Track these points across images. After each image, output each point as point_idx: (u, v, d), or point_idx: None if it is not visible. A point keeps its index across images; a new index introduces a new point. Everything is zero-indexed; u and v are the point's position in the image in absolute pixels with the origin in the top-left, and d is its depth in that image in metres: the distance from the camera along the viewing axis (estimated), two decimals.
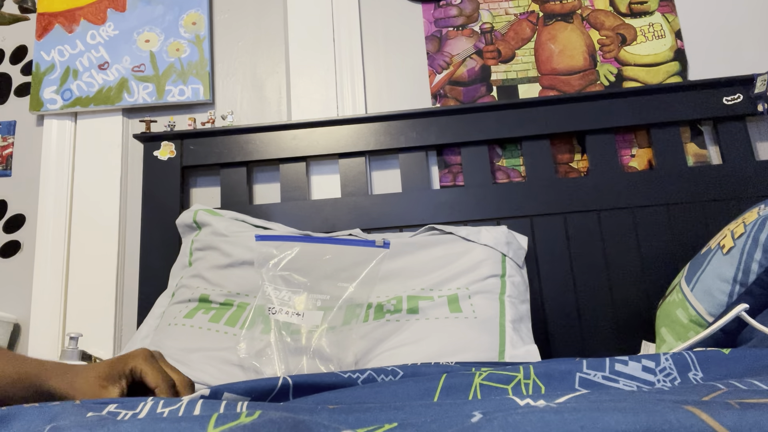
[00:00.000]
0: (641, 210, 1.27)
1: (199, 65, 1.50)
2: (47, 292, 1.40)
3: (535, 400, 0.37)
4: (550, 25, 1.46)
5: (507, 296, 1.04)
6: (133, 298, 1.40)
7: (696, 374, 0.51)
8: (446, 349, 0.92)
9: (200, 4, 1.53)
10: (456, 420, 0.32)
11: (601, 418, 0.27)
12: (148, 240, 1.34)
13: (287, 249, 1.07)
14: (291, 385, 0.54)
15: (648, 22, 1.44)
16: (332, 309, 0.99)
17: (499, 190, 1.30)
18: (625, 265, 1.24)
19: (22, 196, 1.50)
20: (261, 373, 0.93)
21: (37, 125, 1.54)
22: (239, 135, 1.39)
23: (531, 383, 0.51)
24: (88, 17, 1.55)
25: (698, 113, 1.30)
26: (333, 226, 1.31)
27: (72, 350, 1.23)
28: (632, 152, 1.37)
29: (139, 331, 1.11)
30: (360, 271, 1.04)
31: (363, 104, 1.44)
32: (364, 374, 0.58)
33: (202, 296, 1.08)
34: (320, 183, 1.41)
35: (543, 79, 1.43)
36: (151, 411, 0.42)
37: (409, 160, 1.36)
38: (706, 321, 0.90)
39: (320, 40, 1.50)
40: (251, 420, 0.31)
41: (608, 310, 1.23)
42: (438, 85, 1.45)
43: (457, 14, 1.49)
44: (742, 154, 1.29)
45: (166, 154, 1.39)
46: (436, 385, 0.51)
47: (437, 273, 1.08)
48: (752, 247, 0.82)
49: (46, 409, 0.39)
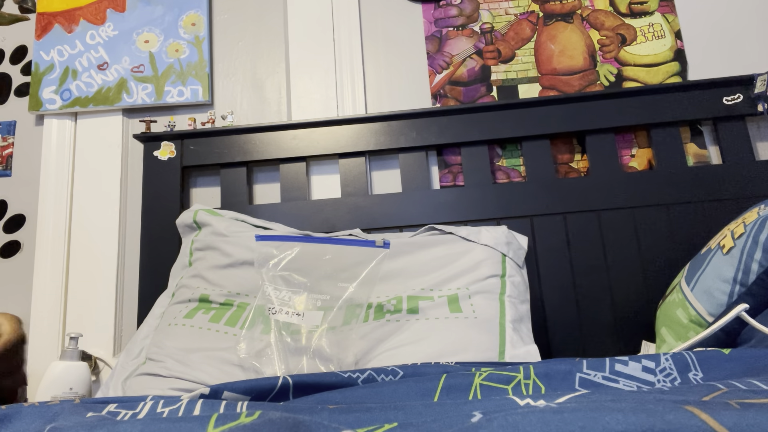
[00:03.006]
0: (641, 210, 1.27)
1: (198, 66, 1.50)
2: (47, 292, 1.40)
3: (535, 400, 0.37)
4: (550, 25, 1.46)
5: (507, 296, 1.04)
6: (133, 298, 1.40)
7: (696, 374, 0.51)
8: (446, 350, 0.92)
9: (200, 5, 1.53)
10: (456, 420, 0.32)
11: (601, 418, 0.27)
12: (148, 240, 1.34)
13: (287, 249, 1.07)
14: (291, 385, 0.54)
15: (648, 22, 1.44)
16: (332, 309, 0.99)
17: (499, 190, 1.30)
18: (625, 265, 1.24)
19: (22, 196, 1.50)
20: (261, 373, 0.93)
21: (36, 125, 1.54)
22: (239, 135, 1.39)
23: (531, 383, 0.51)
24: (87, 17, 1.55)
25: (698, 113, 1.30)
26: (333, 226, 1.31)
27: (72, 350, 1.23)
28: (632, 152, 1.37)
29: (139, 331, 1.11)
30: (360, 271, 1.04)
31: (363, 104, 1.44)
32: (364, 374, 0.58)
33: (202, 296, 1.08)
34: (320, 183, 1.41)
35: (543, 79, 1.43)
36: (151, 410, 0.42)
37: (409, 160, 1.36)
38: (706, 321, 0.90)
39: (320, 40, 1.50)
40: (251, 420, 0.31)
41: (608, 310, 1.23)
42: (438, 85, 1.45)
43: (457, 14, 1.49)
44: (742, 154, 1.29)
45: (166, 154, 1.39)
46: (437, 385, 0.51)
47: (437, 273, 1.07)
48: (752, 247, 0.82)
49: (45, 409, 0.39)
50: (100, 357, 1.35)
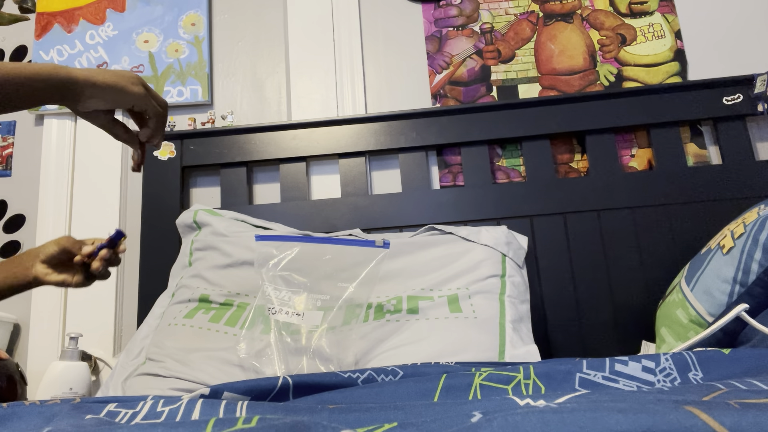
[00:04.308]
0: (641, 210, 1.27)
1: (197, 66, 1.50)
2: (47, 292, 1.40)
3: (535, 400, 0.37)
4: (550, 25, 1.46)
5: (507, 296, 1.04)
6: (133, 298, 1.40)
7: (696, 374, 0.51)
8: (446, 349, 0.92)
9: (199, 5, 1.53)
10: (456, 420, 0.32)
11: (601, 418, 0.27)
12: (148, 240, 1.34)
13: (287, 249, 1.07)
14: (291, 385, 0.54)
15: (648, 22, 1.44)
16: (332, 309, 0.99)
17: (499, 190, 1.30)
18: (625, 265, 1.24)
19: (22, 196, 1.50)
20: (261, 373, 0.93)
21: (36, 125, 1.54)
22: (239, 135, 1.39)
23: (531, 383, 0.51)
24: (87, 17, 1.55)
25: (698, 113, 1.30)
26: (333, 226, 1.31)
27: (72, 350, 1.23)
28: (632, 152, 1.37)
29: (139, 331, 1.11)
30: (360, 271, 1.04)
31: (363, 104, 1.44)
32: (364, 374, 0.58)
33: (202, 296, 1.08)
34: (320, 183, 1.41)
35: (543, 79, 1.43)
36: (150, 410, 0.42)
37: (409, 160, 1.36)
38: (706, 321, 0.89)
39: (320, 40, 1.50)
40: (249, 427, 0.31)
41: (608, 310, 1.22)
42: (438, 85, 1.45)
43: (457, 14, 1.49)
44: (742, 154, 1.29)
45: (166, 154, 1.39)
46: (436, 385, 0.51)
47: (437, 273, 1.07)
48: (752, 247, 0.82)
49: (44, 409, 0.39)
50: (100, 357, 1.35)
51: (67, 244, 0.77)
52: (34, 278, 0.77)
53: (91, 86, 0.63)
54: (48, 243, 0.77)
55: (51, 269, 0.76)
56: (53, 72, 0.61)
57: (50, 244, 0.77)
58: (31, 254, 0.78)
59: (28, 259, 0.77)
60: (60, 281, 0.77)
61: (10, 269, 0.77)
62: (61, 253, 0.77)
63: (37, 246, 0.78)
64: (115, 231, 0.79)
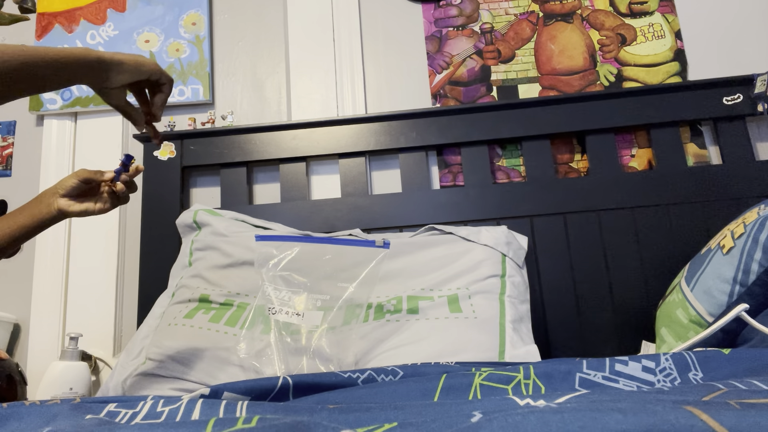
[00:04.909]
0: (641, 210, 1.27)
1: (198, 66, 1.50)
2: (47, 292, 1.40)
3: (535, 400, 0.37)
4: (550, 25, 1.46)
5: (507, 296, 1.04)
6: (133, 298, 1.40)
7: (696, 374, 0.51)
8: (446, 349, 0.92)
9: (200, 5, 1.53)
10: (456, 420, 0.32)
11: (601, 418, 0.27)
12: (148, 240, 1.34)
13: (287, 249, 1.07)
14: (291, 385, 0.54)
15: (648, 22, 1.44)
16: (332, 309, 0.99)
17: (499, 190, 1.30)
18: (625, 265, 1.24)
19: (22, 196, 1.50)
20: (261, 373, 0.93)
21: (36, 125, 1.54)
22: (239, 135, 1.39)
23: (531, 383, 0.51)
24: (88, 17, 1.55)
25: (698, 113, 1.30)
26: (333, 226, 1.31)
27: (72, 350, 1.23)
28: (632, 152, 1.37)
29: (139, 331, 1.11)
30: (360, 271, 1.04)
31: (363, 104, 1.44)
32: (364, 374, 0.58)
33: (202, 296, 1.08)
34: (320, 183, 1.41)
35: (543, 79, 1.43)
36: (150, 410, 0.42)
37: (409, 160, 1.36)
38: (706, 321, 0.89)
39: (320, 40, 1.50)
40: (249, 427, 0.31)
41: (608, 310, 1.22)
42: (438, 85, 1.45)
43: (457, 14, 1.49)
44: (742, 154, 1.29)
45: (166, 154, 1.39)
46: (436, 385, 0.51)
47: (437, 273, 1.07)
48: (752, 247, 0.82)
49: (44, 409, 0.39)
50: (100, 357, 1.35)
51: (85, 174, 0.82)
52: (58, 210, 0.81)
53: (117, 63, 0.74)
54: (66, 177, 0.82)
55: (72, 200, 0.81)
56: (86, 53, 0.70)
57: (68, 177, 0.82)
58: (50, 191, 0.82)
59: (49, 196, 0.82)
60: (83, 210, 0.82)
61: (34, 208, 0.82)
62: (80, 184, 0.82)
63: (54, 185, 0.83)
64: (125, 155, 0.83)
